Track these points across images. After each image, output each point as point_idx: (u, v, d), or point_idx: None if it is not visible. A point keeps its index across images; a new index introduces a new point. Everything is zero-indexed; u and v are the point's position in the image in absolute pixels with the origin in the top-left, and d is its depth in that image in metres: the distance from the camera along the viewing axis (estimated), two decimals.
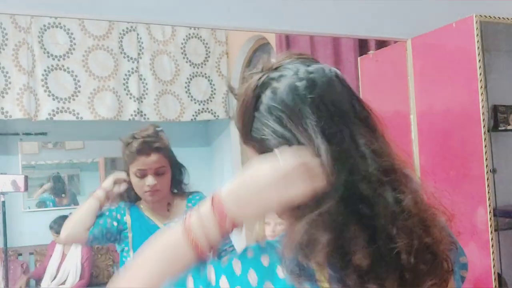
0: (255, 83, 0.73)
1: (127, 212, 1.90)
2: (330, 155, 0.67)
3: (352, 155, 0.68)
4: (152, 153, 1.81)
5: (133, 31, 4.28)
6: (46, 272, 4.05)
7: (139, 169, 1.82)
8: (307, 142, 0.68)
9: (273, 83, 0.72)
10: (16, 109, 3.86)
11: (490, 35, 2.14)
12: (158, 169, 1.83)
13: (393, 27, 2.33)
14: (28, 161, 4.65)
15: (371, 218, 0.66)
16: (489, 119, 2.17)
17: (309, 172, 0.66)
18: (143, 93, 4.31)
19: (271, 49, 4.04)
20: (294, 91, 0.70)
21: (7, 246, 3.19)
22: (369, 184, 0.67)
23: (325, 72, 0.73)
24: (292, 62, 0.75)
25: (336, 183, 0.66)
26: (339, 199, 0.66)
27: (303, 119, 0.69)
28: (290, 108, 0.70)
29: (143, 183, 1.83)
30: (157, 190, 1.84)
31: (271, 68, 0.75)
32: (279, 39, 3.47)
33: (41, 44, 3.94)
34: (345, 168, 0.67)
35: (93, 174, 4.86)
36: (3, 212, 3.06)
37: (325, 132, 0.68)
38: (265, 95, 0.72)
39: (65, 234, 1.87)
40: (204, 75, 4.61)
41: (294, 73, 0.72)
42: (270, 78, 0.73)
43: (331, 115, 0.69)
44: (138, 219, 1.90)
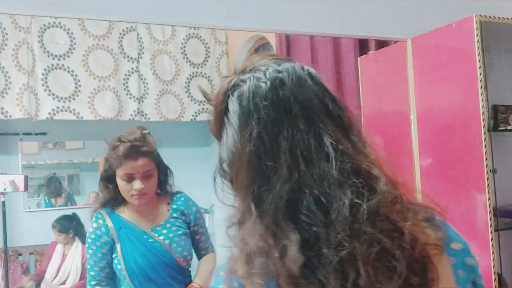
0: (226, 86, 0.73)
1: (109, 222, 1.86)
2: (249, 166, 0.68)
3: (312, 157, 0.67)
4: (140, 157, 1.79)
5: (133, 31, 4.28)
6: (46, 273, 4.04)
7: (126, 173, 1.79)
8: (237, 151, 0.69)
9: (241, 85, 0.72)
10: (16, 109, 3.86)
11: (490, 35, 2.14)
12: (146, 172, 1.81)
13: (393, 27, 2.33)
14: (28, 161, 4.65)
15: (318, 223, 0.64)
16: (489, 119, 2.17)
17: None
18: (143, 93, 4.31)
19: (271, 49, 4.04)
20: (254, 94, 0.70)
21: (7, 246, 3.19)
22: (325, 188, 0.65)
23: (295, 70, 0.72)
24: (265, 62, 0.74)
25: (261, 194, 0.67)
26: (274, 206, 0.66)
27: (248, 126, 0.69)
28: (240, 113, 0.70)
29: (131, 187, 1.81)
30: (144, 193, 1.82)
31: (243, 71, 0.74)
32: (279, 39, 3.47)
33: (41, 43, 3.94)
34: (293, 171, 0.66)
35: (93, 174, 4.86)
36: (3, 212, 3.06)
37: (266, 138, 0.68)
38: (231, 99, 0.72)
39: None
40: (204, 75, 4.61)
41: (263, 74, 0.72)
42: (240, 80, 0.72)
43: (295, 117, 0.69)
44: (122, 227, 1.87)
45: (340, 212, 0.65)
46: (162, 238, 1.87)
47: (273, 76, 0.71)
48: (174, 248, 1.87)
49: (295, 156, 0.67)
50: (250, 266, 0.65)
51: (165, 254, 1.86)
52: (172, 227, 1.91)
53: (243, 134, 0.69)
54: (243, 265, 0.66)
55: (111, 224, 1.85)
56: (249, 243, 0.66)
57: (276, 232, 0.65)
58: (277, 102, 0.69)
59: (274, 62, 0.74)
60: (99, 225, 1.86)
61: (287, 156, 0.67)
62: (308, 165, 0.67)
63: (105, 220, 1.86)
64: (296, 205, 0.65)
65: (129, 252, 1.83)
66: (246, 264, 0.65)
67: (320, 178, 0.66)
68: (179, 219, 1.94)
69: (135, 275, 1.83)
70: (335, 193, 0.65)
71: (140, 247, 1.84)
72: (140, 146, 1.79)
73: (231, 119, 0.71)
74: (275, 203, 0.65)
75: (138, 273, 1.83)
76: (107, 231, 1.85)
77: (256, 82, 0.71)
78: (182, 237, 1.90)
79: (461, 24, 2.06)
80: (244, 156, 0.68)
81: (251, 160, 0.68)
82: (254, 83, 0.71)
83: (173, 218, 1.93)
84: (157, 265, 1.84)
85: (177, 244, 1.88)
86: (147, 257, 1.83)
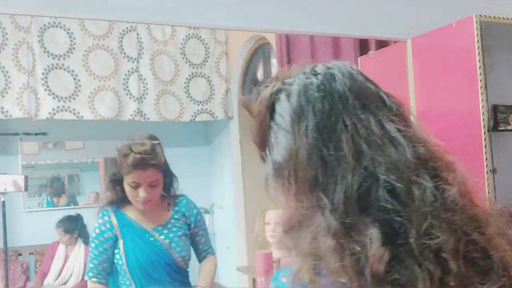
0: (269, 91, 0.70)
1: (113, 220, 1.93)
2: (312, 157, 0.63)
3: (378, 144, 0.63)
4: (148, 169, 1.85)
5: (133, 31, 4.29)
6: (49, 274, 4.04)
7: (134, 182, 1.86)
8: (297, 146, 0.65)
9: (288, 87, 0.69)
10: (15, 108, 3.86)
11: (490, 35, 2.14)
12: (152, 182, 1.88)
13: (393, 27, 2.33)
14: (28, 161, 4.65)
15: (399, 212, 0.59)
16: (489, 119, 2.16)
17: None
18: (143, 93, 4.31)
19: (271, 49, 4.04)
20: (306, 89, 0.67)
21: (7, 246, 3.19)
22: (401, 173, 0.61)
23: (345, 66, 0.71)
24: (309, 66, 0.72)
25: (330, 179, 0.61)
26: (347, 195, 0.60)
27: (302, 120, 0.65)
28: (291, 111, 0.67)
29: (137, 194, 1.88)
30: (149, 200, 1.90)
31: (284, 77, 0.71)
32: (279, 39, 3.47)
33: (41, 43, 3.94)
34: (361, 159, 0.61)
35: (93, 174, 4.86)
36: (3, 212, 3.06)
37: (324, 128, 0.64)
38: (279, 101, 0.69)
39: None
40: (203, 76, 4.61)
41: (310, 72, 0.70)
42: (284, 83, 0.70)
43: (353, 105, 0.66)
44: (125, 225, 1.94)
45: (424, 199, 0.60)
46: (162, 237, 1.94)
47: (323, 71, 0.70)
48: (173, 248, 1.94)
49: (359, 144, 0.63)
50: (318, 271, 0.60)
51: (165, 253, 1.93)
52: (173, 227, 1.98)
53: (298, 129, 0.65)
54: (310, 270, 0.60)
55: (115, 222, 1.93)
56: (314, 244, 0.60)
57: (351, 228, 0.59)
58: (332, 92, 0.67)
59: (319, 64, 0.72)
60: (104, 221, 1.94)
61: (350, 144, 0.62)
62: (376, 152, 0.62)
63: (110, 217, 1.94)
64: (369, 195, 0.60)
65: (130, 248, 1.91)
66: (313, 268, 0.60)
67: (394, 164, 0.61)
68: (180, 221, 2.00)
69: (135, 271, 1.90)
70: (415, 179, 0.61)
71: (142, 244, 1.92)
72: (149, 159, 1.85)
73: (279, 121, 0.68)
74: (345, 195, 0.60)
75: (138, 269, 1.90)
76: (111, 227, 1.93)
77: (305, 80, 0.69)
78: (182, 237, 1.97)
79: (461, 24, 2.06)
80: (302, 150, 0.64)
81: (311, 153, 0.63)
82: (303, 80, 0.69)
83: (174, 219, 2.00)
84: (157, 262, 1.92)
85: (177, 244, 1.95)
86: (147, 255, 1.91)
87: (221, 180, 4.89)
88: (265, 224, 2.51)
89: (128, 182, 1.87)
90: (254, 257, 1.76)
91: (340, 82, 0.68)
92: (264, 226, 2.52)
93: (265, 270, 1.69)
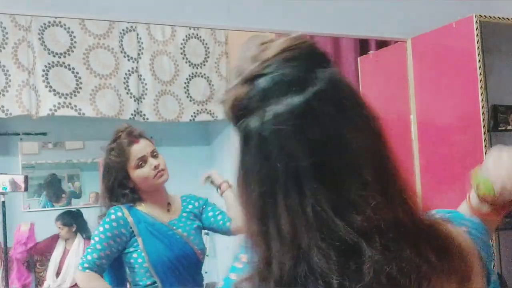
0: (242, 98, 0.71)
1: (128, 217, 1.85)
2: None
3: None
4: (140, 139, 1.87)
5: (133, 31, 4.29)
6: (49, 267, 4.05)
7: (139, 158, 1.84)
8: None
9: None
10: (15, 106, 3.86)
11: (490, 35, 2.14)
12: (153, 152, 1.88)
13: (393, 27, 2.33)
14: (28, 161, 4.65)
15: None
16: (489, 119, 2.17)
17: None
18: (142, 93, 4.32)
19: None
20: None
21: (7, 246, 3.19)
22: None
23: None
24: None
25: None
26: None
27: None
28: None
29: (148, 169, 1.85)
30: (163, 169, 1.87)
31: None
32: None
33: (41, 41, 3.94)
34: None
35: (93, 174, 4.86)
36: (3, 212, 3.06)
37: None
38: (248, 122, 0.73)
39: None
40: (203, 76, 4.61)
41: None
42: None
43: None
44: (141, 221, 1.87)
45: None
46: (180, 230, 1.91)
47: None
48: (192, 240, 1.92)
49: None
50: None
51: (185, 245, 1.90)
52: (187, 221, 1.96)
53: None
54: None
55: (130, 219, 1.85)
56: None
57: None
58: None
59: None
60: (117, 217, 1.84)
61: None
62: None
63: (124, 214, 1.85)
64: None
65: (152, 244, 1.85)
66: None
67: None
68: (191, 213, 2.00)
69: (160, 266, 1.84)
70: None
71: (163, 239, 1.87)
72: (133, 131, 1.89)
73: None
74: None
75: (162, 264, 1.84)
76: (125, 224, 1.84)
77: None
78: (197, 230, 1.98)
79: (461, 24, 2.06)
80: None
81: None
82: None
83: (186, 213, 1.99)
84: (181, 256, 1.88)
85: (194, 237, 1.94)
86: (171, 249, 1.86)
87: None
88: None
89: (135, 165, 1.84)
90: None
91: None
92: None
93: None
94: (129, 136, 1.86)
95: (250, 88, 0.65)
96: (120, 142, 1.85)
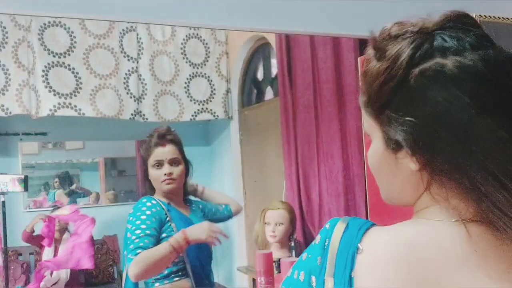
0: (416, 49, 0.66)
1: (160, 203, 1.96)
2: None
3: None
4: (167, 144, 2.00)
5: (133, 31, 4.29)
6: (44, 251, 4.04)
7: (156, 160, 1.97)
8: None
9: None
10: (15, 105, 3.86)
11: (490, 35, 2.14)
12: (173, 159, 1.99)
13: None
14: (28, 161, 4.65)
15: None
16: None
17: None
18: (142, 94, 4.32)
19: (271, 49, 4.04)
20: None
21: (7, 246, 3.19)
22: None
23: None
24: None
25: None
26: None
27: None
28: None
29: (161, 173, 1.97)
30: (173, 179, 1.97)
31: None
32: (279, 39, 3.47)
33: (41, 41, 3.95)
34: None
35: (93, 174, 4.86)
36: (3, 212, 3.07)
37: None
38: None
39: (138, 276, 1.80)
40: (204, 75, 4.61)
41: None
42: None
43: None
44: (170, 209, 1.98)
45: None
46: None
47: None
48: None
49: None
50: None
51: None
52: (199, 218, 2.07)
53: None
54: None
55: (164, 206, 1.96)
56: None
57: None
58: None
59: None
60: (152, 204, 1.94)
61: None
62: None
63: (157, 202, 1.95)
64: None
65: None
66: None
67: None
68: (198, 209, 2.13)
69: (190, 252, 1.93)
70: None
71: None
72: (167, 135, 2.02)
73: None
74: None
75: (190, 250, 1.93)
76: (161, 209, 1.93)
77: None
78: None
79: None
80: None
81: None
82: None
83: (193, 211, 2.11)
84: (202, 246, 1.97)
85: None
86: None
87: (221, 180, 4.89)
88: (265, 224, 2.51)
89: (152, 165, 1.98)
90: (254, 257, 1.75)
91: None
92: (264, 226, 2.52)
93: (265, 270, 1.69)
94: (159, 138, 1.99)
95: (433, 38, 0.65)
96: (150, 140, 2.00)
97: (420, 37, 0.65)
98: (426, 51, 0.63)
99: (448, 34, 0.64)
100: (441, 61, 0.61)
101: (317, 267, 0.63)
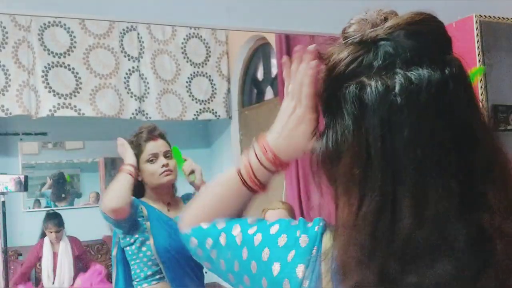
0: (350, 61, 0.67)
1: (138, 202, 1.95)
2: None
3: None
4: (158, 139, 2.01)
5: (134, 30, 4.29)
6: (42, 275, 4.01)
7: (152, 153, 1.97)
8: None
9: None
10: (15, 105, 3.86)
11: (490, 35, 2.14)
12: (166, 152, 2.00)
13: None
14: (28, 161, 4.64)
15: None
16: (489, 119, 2.17)
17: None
18: (144, 92, 4.32)
19: (271, 49, 4.04)
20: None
21: (7, 246, 3.19)
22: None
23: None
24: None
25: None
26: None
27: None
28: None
29: (157, 166, 1.95)
30: (170, 170, 1.97)
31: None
32: (279, 39, 3.47)
33: (41, 41, 3.94)
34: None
35: (93, 174, 4.86)
36: (3, 212, 3.06)
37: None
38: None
39: (112, 206, 1.84)
40: (205, 75, 4.61)
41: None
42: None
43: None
44: (150, 210, 1.96)
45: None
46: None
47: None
48: None
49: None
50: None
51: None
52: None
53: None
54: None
55: (141, 205, 1.95)
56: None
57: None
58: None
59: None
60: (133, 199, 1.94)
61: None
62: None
63: (135, 200, 1.94)
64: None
65: (157, 230, 1.93)
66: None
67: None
68: None
69: (164, 253, 1.90)
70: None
71: (166, 228, 1.94)
72: (155, 130, 2.03)
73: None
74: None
75: (165, 251, 1.90)
76: (137, 206, 1.94)
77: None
78: None
79: (461, 24, 2.06)
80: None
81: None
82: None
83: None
84: (181, 248, 1.91)
85: None
86: (173, 239, 1.89)
87: None
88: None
89: (146, 159, 1.96)
90: None
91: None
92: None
93: None
94: (149, 133, 2.00)
95: (371, 50, 0.62)
96: (139, 137, 2.00)
97: (361, 48, 0.63)
98: (358, 66, 0.61)
99: (387, 47, 0.61)
100: (363, 81, 0.60)
101: (295, 267, 0.65)
